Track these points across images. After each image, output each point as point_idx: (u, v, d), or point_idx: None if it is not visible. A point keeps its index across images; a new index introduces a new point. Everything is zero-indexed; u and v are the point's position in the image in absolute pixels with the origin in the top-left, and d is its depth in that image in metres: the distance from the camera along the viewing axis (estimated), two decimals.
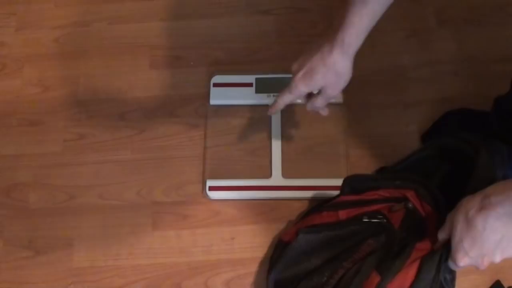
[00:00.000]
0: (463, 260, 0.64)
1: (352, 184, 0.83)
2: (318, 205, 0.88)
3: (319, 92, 0.80)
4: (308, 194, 0.93)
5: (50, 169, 0.98)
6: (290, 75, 1.01)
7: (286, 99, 0.81)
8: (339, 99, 1.00)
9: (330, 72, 0.75)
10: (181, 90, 1.04)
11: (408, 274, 0.71)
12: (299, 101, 0.84)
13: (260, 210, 0.93)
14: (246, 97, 1.02)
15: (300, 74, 0.76)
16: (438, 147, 0.83)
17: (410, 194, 0.77)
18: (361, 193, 0.81)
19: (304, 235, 0.80)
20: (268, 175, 0.96)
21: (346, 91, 0.99)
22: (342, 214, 0.81)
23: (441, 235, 0.68)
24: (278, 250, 0.85)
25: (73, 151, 1.00)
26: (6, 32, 1.12)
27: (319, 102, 0.80)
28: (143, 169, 0.98)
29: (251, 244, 0.91)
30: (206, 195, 0.94)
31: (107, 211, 0.95)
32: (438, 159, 0.83)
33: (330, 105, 1.00)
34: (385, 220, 0.78)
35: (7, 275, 0.91)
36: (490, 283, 0.87)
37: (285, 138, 0.98)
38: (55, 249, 0.92)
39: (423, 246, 0.72)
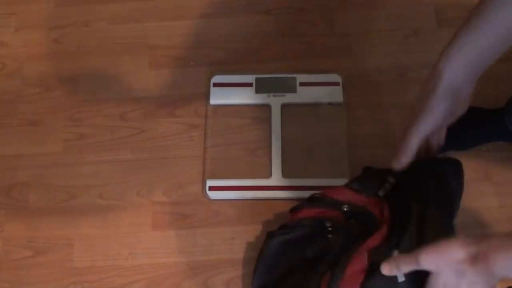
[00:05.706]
0: None
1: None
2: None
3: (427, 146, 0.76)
4: (308, 194, 0.92)
5: (50, 169, 0.98)
6: (290, 75, 1.03)
7: (404, 158, 0.73)
8: (339, 99, 1.00)
9: (432, 115, 0.68)
10: (181, 90, 1.04)
11: (357, 267, 0.71)
12: None
13: (260, 210, 0.93)
14: (246, 97, 1.02)
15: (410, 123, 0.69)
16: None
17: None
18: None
19: (266, 240, 0.84)
20: (268, 175, 0.96)
21: (346, 91, 1.02)
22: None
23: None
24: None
25: (73, 151, 1.00)
26: (6, 32, 1.12)
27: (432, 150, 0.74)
28: (143, 169, 0.98)
29: (251, 244, 0.91)
30: (206, 195, 0.94)
31: (107, 211, 0.95)
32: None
33: (330, 105, 1.01)
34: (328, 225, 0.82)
35: (7, 275, 0.91)
36: None
37: (285, 138, 0.98)
38: (55, 249, 0.92)
39: (372, 242, 0.73)
